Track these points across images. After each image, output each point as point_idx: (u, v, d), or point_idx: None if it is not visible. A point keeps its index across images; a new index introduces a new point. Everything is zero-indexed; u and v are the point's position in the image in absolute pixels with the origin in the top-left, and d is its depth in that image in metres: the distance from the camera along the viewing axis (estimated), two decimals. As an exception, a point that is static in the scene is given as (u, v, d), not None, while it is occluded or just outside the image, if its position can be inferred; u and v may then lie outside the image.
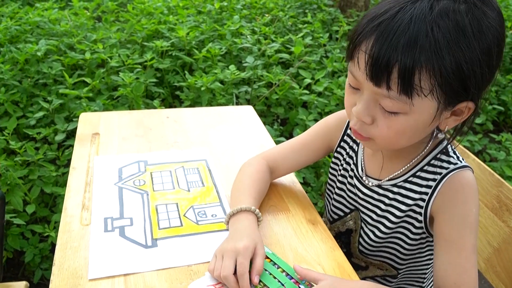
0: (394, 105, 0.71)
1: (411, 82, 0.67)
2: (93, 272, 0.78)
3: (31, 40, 2.54)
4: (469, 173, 0.83)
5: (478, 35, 0.68)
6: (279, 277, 0.77)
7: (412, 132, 0.75)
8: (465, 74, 0.68)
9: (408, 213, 0.87)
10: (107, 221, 0.90)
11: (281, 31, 3.20)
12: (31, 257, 1.73)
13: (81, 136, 1.19)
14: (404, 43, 0.66)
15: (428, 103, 0.70)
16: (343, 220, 1.00)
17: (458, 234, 0.80)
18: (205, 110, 1.41)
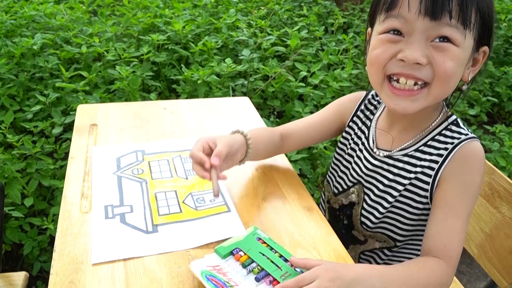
0: (453, 33, 0.75)
1: (468, 12, 0.74)
2: (95, 257, 0.79)
3: (26, 34, 2.54)
4: (478, 143, 0.87)
5: None
6: (276, 261, 0.79)
7: (461, 70, 0.79)
8: (489, 17, 0.78)
9: (413, 181, 0.90)
10: (108, 208, 0.91)
11: (277, 24, 3.20)
12: (30, 249, 1.74)
13: (79, 127, 1.20)
14: None
15: (469, 40, 0.77)
16: (346, 193, 1.02)
17: (458, 200, 0.84)
18: (201, 102, 1.42)
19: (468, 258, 2.17)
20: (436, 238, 0.83)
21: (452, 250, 0.82)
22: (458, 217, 0.83)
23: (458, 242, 0.83)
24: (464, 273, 2.10)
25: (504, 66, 3.09)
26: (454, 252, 0.82)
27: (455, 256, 0.82)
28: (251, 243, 0.82)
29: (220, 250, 0.80)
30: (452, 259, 0.82)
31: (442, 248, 0.82)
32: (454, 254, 0.82)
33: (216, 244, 0.82)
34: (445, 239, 0.83)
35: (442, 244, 0.82)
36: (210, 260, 0.78)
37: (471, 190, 0.84)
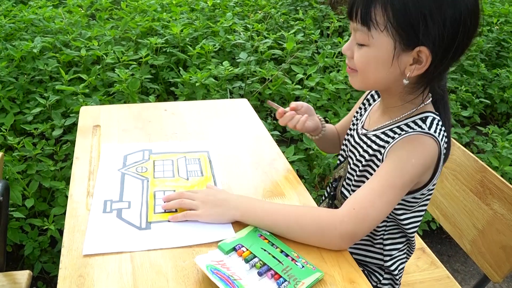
0: (360, 37, 0.87)
1: (368, 15, 0.83)
2: (87, 248, 0.82)
3: (26, 38, 2.56)
4: (429, 139, 0.90)
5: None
6: (277, 256, 0.82)
7: (375, 65, 0.89)
8: (412, 15, 0.80)
9: (372, 158, 0.98)
10: (107, 203, 0.94)
11: (273, 28, 3.24)
12: (31, 250, 1.76)
13: (83, 128, 1.23)
14: None
15: (385, 39, 0.84)
16: (339, 167, 1.14)
17: (387, 169, 0.90)
18: (201, 103, 1.46)
19: (463, 256, 2.21)
20: (351, 199, 0.89)
21: (359, 212, 0.86)
22: (379, 182, 0.88)
23: (372, 211, 0.86)
24: (458, 271, 2.14)
25: (496, 69, 3.14)
26: (360, 214, 0.86)
27: (361, 217, 0.86)
28: (253, 239, 0.85)
29: (223, 246, 0.83)
30: (356, 217, 0.85)
31: (351, 211, 0.86)
32: (360, 215, 0.86)
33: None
34: (358, 203, 0.87)
35: (352, 207, 0.87)
36: (214, 255, 0.81)
37: (402, 165, 0.88)
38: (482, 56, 3.24)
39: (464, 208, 1.24)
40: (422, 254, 1.39)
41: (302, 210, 0.90)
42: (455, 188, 1.27)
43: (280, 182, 1.08)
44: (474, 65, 3.11)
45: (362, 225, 0.86)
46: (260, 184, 1.06)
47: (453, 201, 1.28)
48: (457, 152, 1.27)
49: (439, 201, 1.33)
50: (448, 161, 1.29)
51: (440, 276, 1.32)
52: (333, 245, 0.87)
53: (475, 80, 3.01)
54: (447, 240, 2.29)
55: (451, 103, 2.69)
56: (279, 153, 1.20)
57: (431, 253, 1.39)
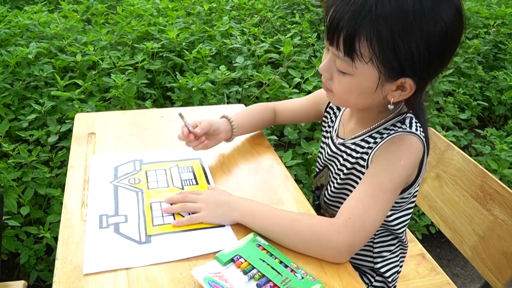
0: (342, 65, 0.83)
1: (353, 47, 0.79)
2: (87, 267, 0.79)
3: (21, 43, 2.54)
4: (413, 138, 0.90)
5: (420, 21, 0.76)
6: (276, 267, 0.80)
7: (357, 93, 0.87)
8: (400, 51, 0.77)
9: (354, 165, 0.97)
10: (102, 218, 0.91)
11: (270, 32, 3.23)
12: (26, 258, 1.73)
13: (78, 136, 1.21)
14: (351, 13, 0.77)
15: (369, 70, 0.81)
16: (319, 175, 1.13)
17: (376, 173, 0.88)
18: (198, 109, 1.44)
19: (462, 260, 2.20)
20: (345, 209, 0.87)
21: (355, 221, 0.84)
22: (370, 187, 0.87)
23: (366, 217, 0.85)
24: (458, 275, 2.12)
25: (494, 71, 3.14)
26: (357, 223, 0.84)
27: (357, 226, 0.84)
28: (251, 250, 0.84)
29: (221, 257, 0.81)
30: (353, 227, 0.84)
31: (346, 221, 0.85)
32: (357, 224, 0.84)
33: (216, 252, 0.84)
34: (354, 211, 0.85)
35: (347, 216, 0.85)
36: (212, 267, 0.79)
37: (390, 167, 0.88)
38: (479, 59, 3.24)
39: (464, 214, 1.22)
40: (422, 260, 1.37)
41: (299, 220, 0.88)
42: (455, 193, 1.25)
43: (279, 189, 1.06)
44: (472, 68, 3.10)
45: (359, 234, 0.85)
46: (258, 192, 1.05)
47: (453, 206, 1.26)
48: (456, 157, 1.26)
49: (439, 206, 1.32)
50: (447, 166, 1.28)
51: (440, 282, 1.31)
52: (331, 258, 0.85)
53: (472, 82, 3.01)
54: (447, 244, 2.28)
55: (449, 106, 2.69)
56: (276, 160, 1.18)
57: (431, 259, 1.38)
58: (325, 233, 0.84)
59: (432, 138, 1.35)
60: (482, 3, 4.14)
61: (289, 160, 2.01)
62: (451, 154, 1.27)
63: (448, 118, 2.60)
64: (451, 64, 0.87)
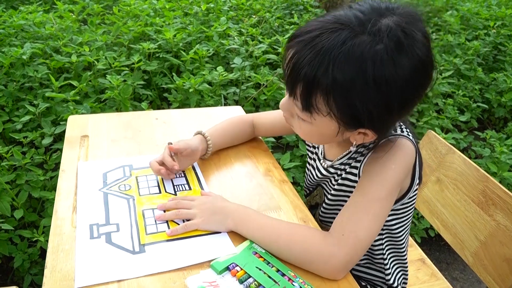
0: (301, 114, 0.81)
1: (310, 101, 0.77)
2: (79, 281, 0.76)
3: (16, 44, 2.51)
4: (404, 140, 0.88)
5: (379, 84, 0.72)
6: (273, 276, 0.78)
7: (319, 138, 0.88)
8: (357, 110, 0.75)
9: (345, 181, 0.95)
10: (93, 227, 0.88)
11: (268, 32, 3.21)
12: (20, 262, 1.71)
13: (70, 139, 1.19)
14: (306, 72, 0.74)
15: (328, 121, 0.79)
16: (312, 195, 1.10)
17: (367, 183, 0.85)
18: (194, 111, 1.41)
19: (462, 264, 2.17)
20: (338, 225, 0.84)
21: (349, 238, 0.81)
22: (363, 197, 0.84)
23: (360, 230, 0.81)
24: (457, 279, 2.10)
25: (494, 73, 3.12)
26: (351, 239, 0.81)
27: (352, 242, 0.80)
28: (247, 257, 0.81)
29: (216, 265, 0.78)
30: (347, 244, 0.80)
31: (340, 238, 0.81)
32: (351, 241, 0.80)
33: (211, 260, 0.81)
34: (347, 227, 0.82)
35: (340, 233, 0.82)
36: (206, 275, 0.76)
37: (382, 174, 0.85)
38: (479, 60, 3.22)
39: (466, 219, 1.20)
40: (422, 265, 1.35)
41: (295, 235, 0.84)
42: (456, 198, 1.23)
43: (276, 194, 1.04)
44: (471, 69, 3.08)
45: (354, 250, 0.81)
46: (255, 196, 1.02)
47: (454, 211, 1.24)
48: (457, 161, 1.23)
49: (439, 211, 1.29)
50: (448, 170, 1.26)
51: (441, 288, 1.28)
52: (326, 275, 0.81)
53: (472, 84, 2.99)
54: (446, 247, 2.25)
55: (449, 107, 2.66)
56: (274, 164, 1.15)
57: (431, 264, 1.35)
58: (319, 254, 0.80)
59: (433, 141, 1.33)
60: (482, 4, 4.13)
61: (287, 162, 1.98)
62: (452, 158, 1.24)
63: (448, 120, 2.58)
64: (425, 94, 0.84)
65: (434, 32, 3.50)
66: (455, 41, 3.28)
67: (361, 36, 0.72)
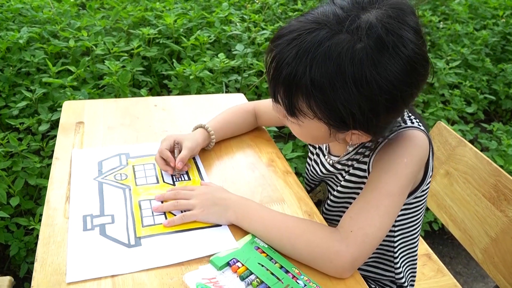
0: (288, 117, 0.78)
1: (293, 106, 0.74)
2: (71, 275, 0.72)
3: (13, 28, 2.45)
4: (416, 132, 0.83)
5: (360, 84, 0.67)
6: (276, 272, 0.73)
7: (313, 139, 0.85)
8: (341, 112, 0.70)
9: (352, 177, 0.91)
10: (86, 219, 0.83)
11: (271, 19, 3.14)
12: (16, 250, 1.68)
13: (65, 125, 1.14)
14: (285, 75, 0.70)
15: (317, 124, 0.75)
16: (314, 191, 1.06)
17: (378, 178, 0.81)
18: (194, 98, 1.36)
19: (465, 258, 2.13)
20: (347, 220, 0.79)
21: (357, 235, 0.77)
22: (373, 191, 0.79)
23: (369, 228, 0.77)
24: (461, 273, 2.06)
25: (502, 63, 3.05)
26: (359, 237, 0.76)
27: (360, 240, 0.76)
28: (249, 252, 0.76)
29: (215, 261, 0.74)
30: (355, 242, 0.76)
31: (348, 234, 0.77)
32: (359, 238, 0.76)
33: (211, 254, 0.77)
34: (356, 223, 0.78)
35: (349, 229, 0.78)
36: (206, 271, 0.72)
37: (393, 168, 0.80)
38: (487, 50, 3.15)
39: (476, 214, 1.15)
40: (428, 260, 1.31)
41: (298, 230, 0.79)
42: (466, 192, 1.18)
43: (280, 186, 0.99)
44: (479, 60, 3.01)
45: (363, 248, 0.76)
46: (257, 188, 0.98)
47: (463, 206, 1.19)
48: (468, 154, 1.19)
49: (448, 205, 1.25)
50: (458, 163, 1.21)
51: (447, 285, 1.24)
52: (333, 274, 0.77)
53: (479, 75, 2.92)
54: (449, 241, 2.21)
55: (455, 99, 2.60)
56: (278, 154, 1.11)
57: (437, 260, 1.31)
58: (324, 251, 0.76)
59: (443, 133, 1.28)
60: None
61: (289, 152, 1.94)
62: (463, 151, 1.20)
63: (454, 112, 2.52)
64: (430, 75, 0.77)
65: (441, 21, 3.42)
66: (463, 30, 3.20)
67: (339, 35, 0.67)
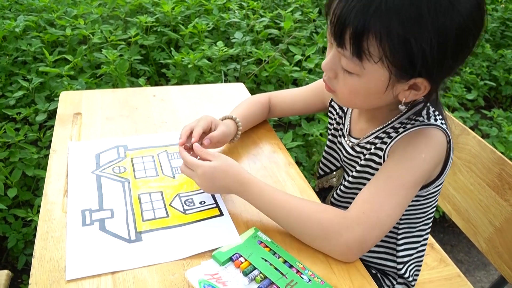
0: (349, 65, 0.75)
1: (361, 46, 0.71)
2: (71, 272, 0.70)
3: (9, 16, 2.41)
4: (435, 131, 0.82)
5: (434, 15, 0.67)
6: (280, 267, 0.72)
7: (364, 94, 0.80)
8: (412, 49, 0.69)
9: (369, 162, 0.89)
10: (85, 213, 0.82)
11: (270, 6, 3.09)
12: (14, 242, 1.66)
13: (62, 117, 1.12)
14: (359, 8, 0.68)
15: (379, 70, 0.73)
16: (328, 176, 1.05)
17: (394, 167, 0.80)
18: (193, 88, 1.34)
19: (466, 246, 2.13)
20: (359, 202, 0.79)
21: (369, 217, 0.77)
22: (387, 180, 0.79)
23: (381, 213, 0.77)
24: (462, 261, 2.06)
25: (502, 49, 3.02)
26: (371, 218, 0.77)
27: (371, 222, 0.76)
28: (252, 247, 0.75)
29: (218, 256, 0.72)
30: (366, 223, 0.76)
31: (360, 216, 0.77)
32: (371, 220, 0.76)
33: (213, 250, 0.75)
34: (367, 206, 0.78)
35: (361, 211, 0.78)
36: (208, 267, 0.71)
37: (411, 162, 0.80)
38: (486, 36, 3.12)
39: (480, 204, 1.14)
40: (430, 250, 1.30)
41: (306, 209, 0.79)
42: (470, 181, 1.17)
43: (281, 177, 0.97)
44: (479, 45, 2.97)
45: (372, 231, 0.76)
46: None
47: (467, 195, 1.18)
48: (472, 142, 1.17)
49: (451, 194, 1.23)
50: (461, 151, 1.19)
51: (450, 274, 1.24)
52: (338, 254, 0.77)
53: (479, 61, 2.89)
54: (450, 229, 2.21)
55: (455, 85, 2.58)
56: (279, 145, 1.09)
57: (440, 250, 1.31)
58: (335, 227, 0.76)
59: (446, 121, 1.26)
60: None
61: (289, 141, 1.92)
62: (466, 139, 1.18)
63: (454, 99, 2.50)
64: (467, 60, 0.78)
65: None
66: (463, 16, 3.16)
67: None
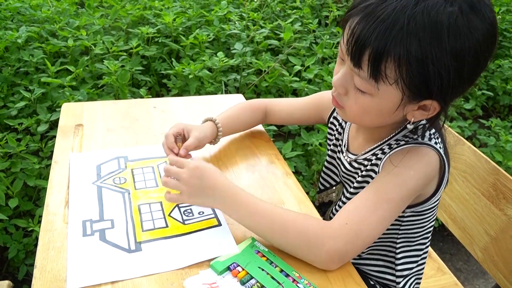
0: (363, 85, 0.76)
1: (378, 67, 0.72)
2: (72, 282, 0.71)
3: (11, 27, 2.44)
4: (427, 149, 0.83)
5: (453, 40, 0.69)
6: (277, 277, 0.74)
7: (375, 113, 0.81)
8: (429, 73, 0.70)
9: (366, 178, 0.90)
10: (86, 224, 0.83)
11: (270, 17, 3.13)
12: (15, 252, 1.67)
13: (64, 128, 1.14)
14: (380, 30, 0.69)
15: (392, 91, 0.74)
16: (328, 191, 1.06)
17: (382, 181, 0.82)
18: (193, 99, 1.36)
19: (465, 255, 2.14)
20: (344, 212, 0.80)
21: (352, 228, 0.78)
22: (376, 193, 0.81)
23: (364, 226, 0.78)
24: (461, 270, 2.07)
25: (499, 59, 3.05)
26: (353, 230, 0.78)
27: (354, 234, 0.78)
28: (249, 256, 0.77)
29: (216, 265, 0.74)
30: (349, 234, 0.77)
31: (343, 226, 0.78)
32: (353, 232, 0.78)
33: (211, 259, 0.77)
34: (351, 217, 0.79)
35: (344, 221, 0.79)
36: (206, 276, 0.72)
37: (400, 178, 0.81)
38: (484, 46, 3.14)
39: (475, 213, 1.16)
40: (428, 259, 1.30)
41: (290, 217, 0.80)
42: (465, 191, 1.18)
43: (279, 187, 0.99)
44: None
45: (354, 242, 0.78)
46: (256, 190, 0.98)
47: (463, 204, 1.20)
48: (467, 152, 1.19)
49: (447, 204, 1.25)
50: (457, 161, 1.21)
51: (447, 283, 1.25)
52: (319, 263, 0.78)
53: (480, 72, 2.91)
54: (449, 237, 2.22)
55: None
56: (277, 155, 1.11)
57: (437, 258, 1.32)
58: (317, 236, 0.77)
59: (442, 132, 1.28)
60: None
61: (289, 151, 1.93)
62: (462, 149, 1.20)
63: (452, 108, 2.52)
64: None
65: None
66: (461, 27, 3.20)
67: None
